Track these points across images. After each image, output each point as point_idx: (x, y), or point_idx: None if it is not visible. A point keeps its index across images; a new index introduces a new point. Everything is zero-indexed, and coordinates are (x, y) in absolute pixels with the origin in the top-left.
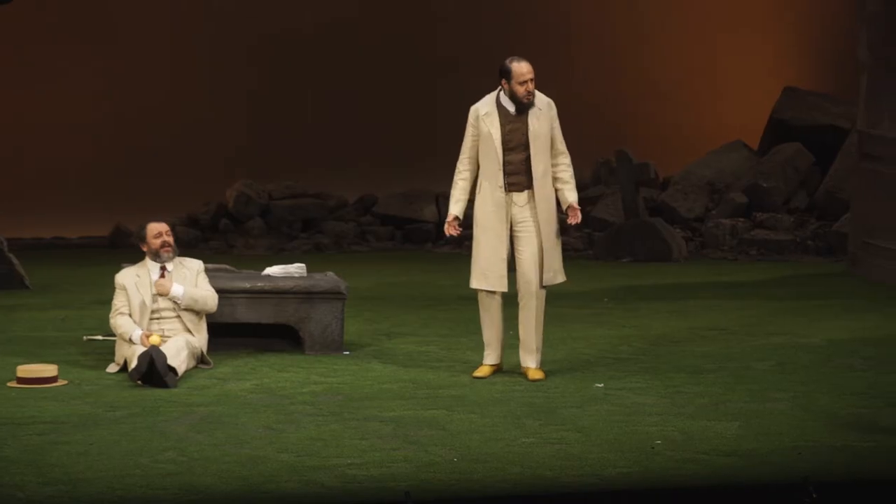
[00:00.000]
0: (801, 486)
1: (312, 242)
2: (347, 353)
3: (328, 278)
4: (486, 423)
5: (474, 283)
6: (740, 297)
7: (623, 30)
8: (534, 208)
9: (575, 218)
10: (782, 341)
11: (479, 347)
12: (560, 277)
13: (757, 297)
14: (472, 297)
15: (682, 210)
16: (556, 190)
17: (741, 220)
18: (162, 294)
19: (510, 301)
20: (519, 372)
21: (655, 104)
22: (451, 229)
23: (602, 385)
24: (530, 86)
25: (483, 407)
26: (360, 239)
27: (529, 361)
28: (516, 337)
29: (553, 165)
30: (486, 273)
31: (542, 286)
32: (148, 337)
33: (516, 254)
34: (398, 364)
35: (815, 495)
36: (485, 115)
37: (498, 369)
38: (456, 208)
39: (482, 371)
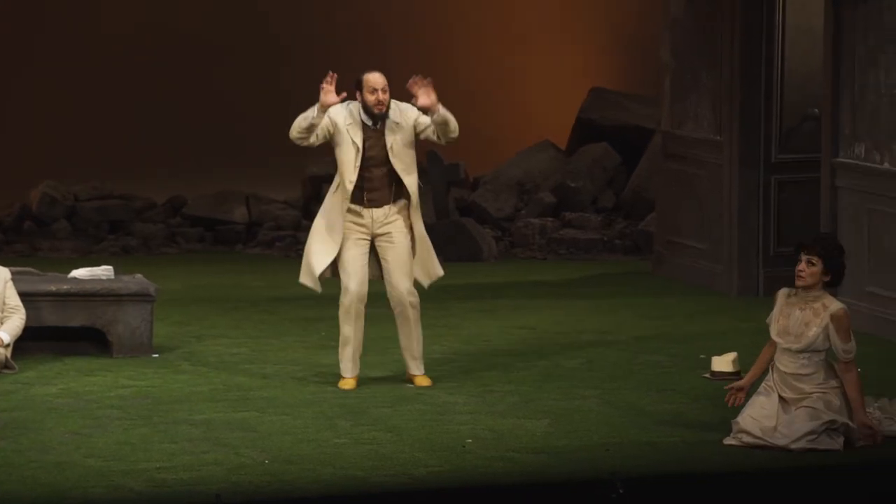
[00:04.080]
0: (609, 482)
1: (120, 245)
2: (156, 355)
3: (136, 280)
4: (298, 425)
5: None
6: (550, 295)
7: (431, 30)
8: (397, 220)
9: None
10: (591, 339)
11: (289, 348)
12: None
13: (566, 296)
14: (284, 298)
15: (492, 210)
16: (432, 120)
17: (550, 219)
18: None
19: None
20: (336, 374)
21: (464, 105)
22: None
23: (413, 384)
24: (381, 95)
25: (294, 408)
26: (170, 241)
27: (415, 369)
28: (329, 338)
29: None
30: (313, 273)
31: (426, 287)
32: None
33: (384, 264)
34: (208, 366)
35: (622, 490)
36: (349, 126)
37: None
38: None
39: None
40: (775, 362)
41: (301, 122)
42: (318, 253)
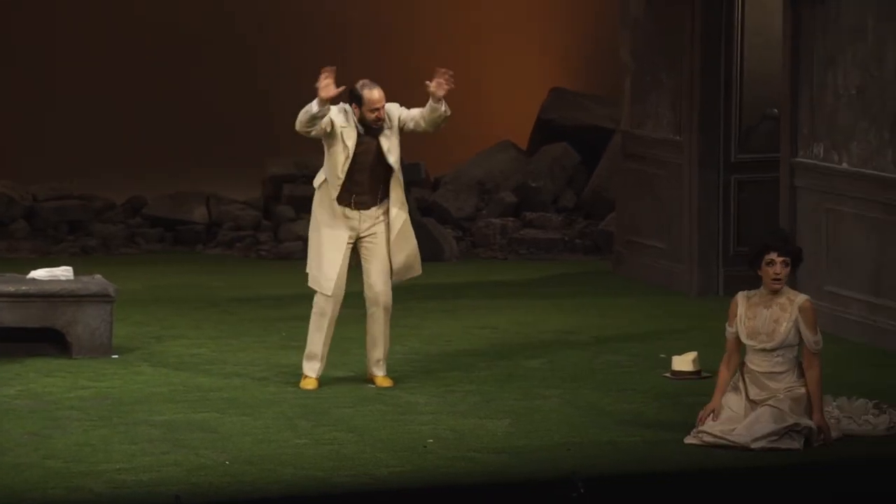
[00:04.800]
0: (570, 481)
1: (79, 245)
2: (116, 356)
3: (96, 281)
4: (259, 425)
5: (318, 286)
6: (511, 295)
7: (391, 30)
8: (383, 222)
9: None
10: (552, 339)
11: (250, 348)
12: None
13: (527, 296)
14: (244, 299)
15: (453, 210)
16: (430, 105)
17: (511, 219)
18: None
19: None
20: (297, 374)
21: (425, 105)
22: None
23: (375, 385)
24: (381, 113)
25: (255, 409)
26: (130, 241)
27: (377, 369)
28: (290, 338)
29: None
30: (325, 276)
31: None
32: None
33: (365, 265)
34: (169, 367)
35: (582, 490)
36: (343, 129)
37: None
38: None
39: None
40: (746, 363)
41: (303, 115)
42: (326, 261)
